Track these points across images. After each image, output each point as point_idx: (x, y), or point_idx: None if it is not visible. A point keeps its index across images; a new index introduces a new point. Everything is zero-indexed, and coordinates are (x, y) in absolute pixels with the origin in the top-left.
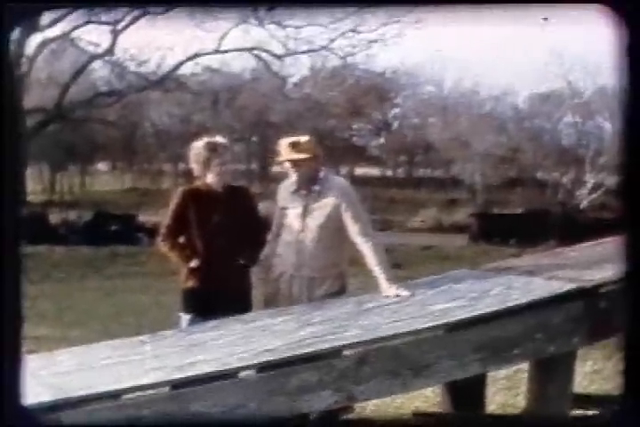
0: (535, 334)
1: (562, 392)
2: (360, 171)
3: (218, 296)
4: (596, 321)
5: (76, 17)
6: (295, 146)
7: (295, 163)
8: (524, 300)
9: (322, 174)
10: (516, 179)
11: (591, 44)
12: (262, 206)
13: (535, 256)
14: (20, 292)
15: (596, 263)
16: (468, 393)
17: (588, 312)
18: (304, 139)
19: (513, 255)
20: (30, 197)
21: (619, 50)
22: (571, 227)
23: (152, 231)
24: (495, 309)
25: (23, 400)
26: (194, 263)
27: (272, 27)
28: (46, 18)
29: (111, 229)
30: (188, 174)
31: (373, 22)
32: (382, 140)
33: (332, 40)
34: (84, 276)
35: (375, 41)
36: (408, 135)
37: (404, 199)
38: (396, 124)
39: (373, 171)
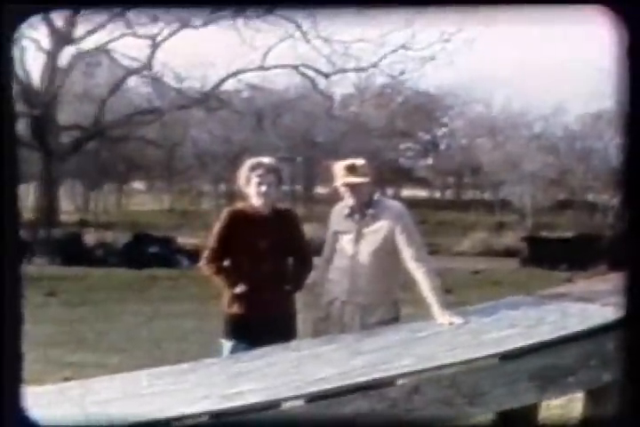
0: (590, 361)
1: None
2: (407, 192)
3: (262, 323)
4: None
5: (112, 28)
6: (352, 170)
7: (351, 187)
8: (580, 327)
9: (375, 197)
10: (565, 201)
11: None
12: (307, 229)
13: (589, 282)
14: (20, 296)
15: None
16: (520, 421)
17: None
18: (360, 162)
19: (565, 280)
20: (64, 217)
21: (619, 51)
22: (622, 251)
23: (191, 254)
24: (551, 337)
25: (24, 408)
26: (239, 289)
27: (318, 42)
28: (81, 29)
29: (150, 251)
30: (230, 196)
31: (424, 39)
32: (430, 160)
33: (382, 58)
34: (122, 299)
35: (426, 59)
36: (456, 156)
37: (453, 222)
38: (443, 145)
39: (420, 192)
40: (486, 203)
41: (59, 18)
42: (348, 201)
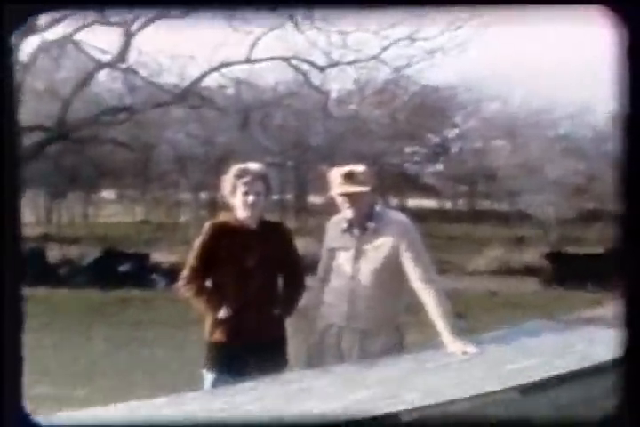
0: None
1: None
2: (413, 203)
3: (248, 351)
4: None
5: (81, 17)
6: (350, 177)
7: (350, 197)
8: (609, 357)
9: (377, 209)
10: (594, 212)
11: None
12: (300, 245)
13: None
14: (21, 296)
15: None
16: None
17: None
18: (359, 169)
19: (593, 303)
20: (24, 230)
21: (619, 51)
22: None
23: (168, 273)
24: (578, 367)
25: (25, 408)
26: (222, 313)
27: (313, 33)
28: (45, 17)
29: (121, 269)
30: (212, 206)
31: (432, 29)
32: (439, 166)
33: (384, 49)
34: (90, 324)
35: (434, 51)
36: (469, 161)
37: (465, 236)
38: (455, 148)
39: (429, 203)
40: (503, 214)
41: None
42: (346, 213)
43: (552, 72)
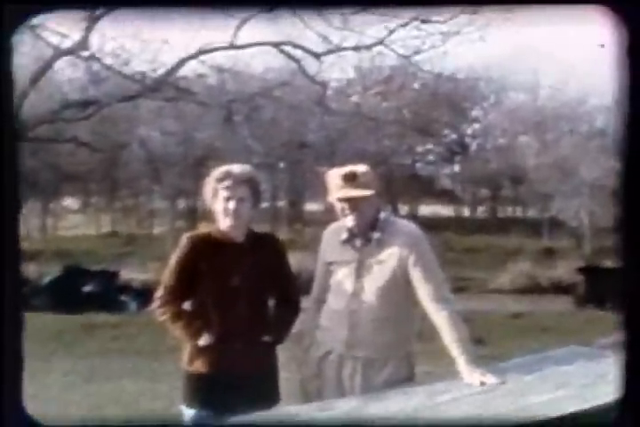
0: None
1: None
2: (426, 209)
3: (234, 384)
4: None
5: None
6: (351, 179)
7: (350, 202)
8: None
9: (382, 217)
10: None
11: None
12: (294, 260)
13: None
14: (21, 295)
15: None
16: None
17: None
18: (362, 170)
19: None
20: None
21: (618, 51)
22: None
23: (140, 293)
24: (612, 400)
25: (25, 408)
26: (204, 340)
27: (307, 13)
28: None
29: (85, 290)
30: (191, 215)
31: (445, 9)
32: (456, 167)
33: (391, 32)
34: (51, 353)
35: (448, 33)
36: (491, 161)
37: (486, 249)
38: (474, 146)
39: (444, 210)
40: (531, 223)
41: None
42: (347, 221)
43: (585, 58)
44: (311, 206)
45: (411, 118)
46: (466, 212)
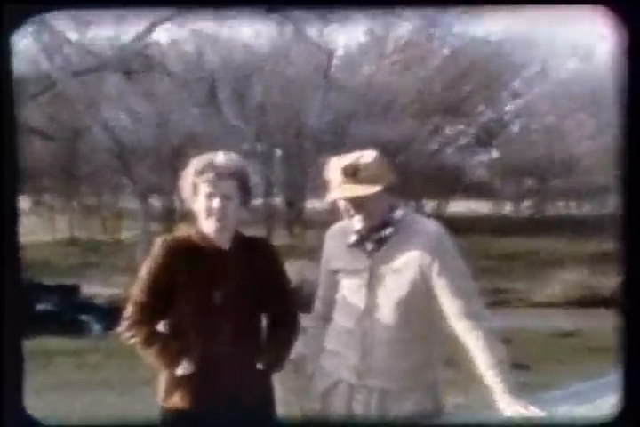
0: None
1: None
2: (457, 207)
3: (222, 421)
4: None
5: None
6: (352, 174)
7: (355, 202)
8: None
9: (398, 215)
10: None
11: None
12: (292, 270)
13: None
14: (22, 294)
15: None
16: None
17: None
18: (366, 160)
19: None
20: None
21: (618, 50)
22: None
23: (106, 312)
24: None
25: (25, 408)
26: (183, 368)
27: None
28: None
29: (39, 308)
30: (167, 216)
31: None
32: (494, 153)
33: None
34: None
35: None
36: (537, 145)
37: (529, 254)
38: (516, 127)
39: (478, 206)
40: (583, 221)
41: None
42: (353, 223)
43: None
44: (314, 204)
45: (437, 94)
46: (504, 209)
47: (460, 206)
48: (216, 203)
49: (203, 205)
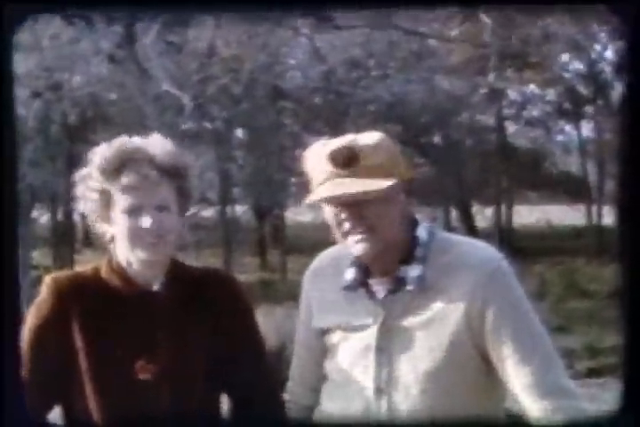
0: None
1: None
2: (524, 214)
3: None
4: None
5: None
6: (351, 159)
7: (351, 208)
8: None
9: (423, 234)
10: None
11: None
12: (268, 319)
13: None
14: (20, 292)
15: None
16: None
17: None
18: (370, 140)
19: None
20: None
21: (619, 50)
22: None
23: None
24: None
25: (25, 408)
26: None
27: None
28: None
29: None
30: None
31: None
32: (585, 128)
33: None
34: None
35: None
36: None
37: None
38: (617, 85)
39: (562, 213)
40: None
41: None
42: (351, 245)
43: None
44: (299, 215)
45: (463, 57)
46: (604, 216)
47: (528, 214)
48: (145, 221)
49: (121, 221)
